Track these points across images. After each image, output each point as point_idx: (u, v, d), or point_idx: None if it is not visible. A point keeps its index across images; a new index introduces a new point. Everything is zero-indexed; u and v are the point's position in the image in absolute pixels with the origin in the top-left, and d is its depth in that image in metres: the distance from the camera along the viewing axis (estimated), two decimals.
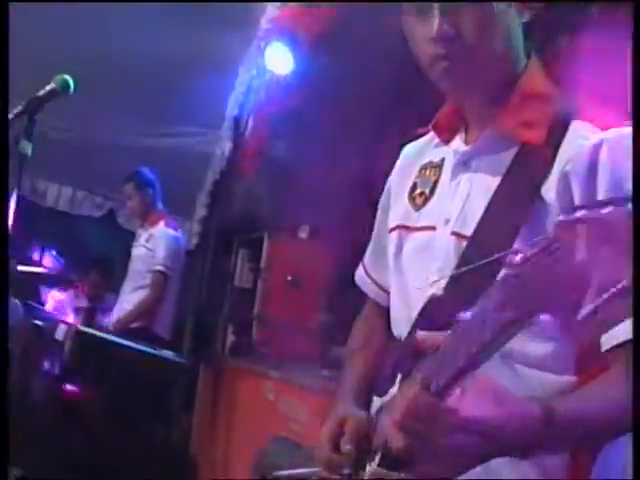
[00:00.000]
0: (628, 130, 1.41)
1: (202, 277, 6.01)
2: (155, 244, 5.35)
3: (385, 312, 1.77)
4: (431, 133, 1.70)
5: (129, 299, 5.36)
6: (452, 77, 1.52)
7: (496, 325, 0.95)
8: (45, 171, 6.16)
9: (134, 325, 5.32)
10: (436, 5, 1.47)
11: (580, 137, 1.44)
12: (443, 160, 1.63)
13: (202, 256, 6.15)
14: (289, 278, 5.82)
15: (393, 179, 1.79)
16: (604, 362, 1.38)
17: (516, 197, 1.43)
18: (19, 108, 2.30)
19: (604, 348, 1.37)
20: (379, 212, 1.82)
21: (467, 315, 1.06)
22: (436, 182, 1.62)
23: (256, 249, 6.04)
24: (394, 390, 1.43)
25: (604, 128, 1.43)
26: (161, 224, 5.49)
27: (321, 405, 3.76)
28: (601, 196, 1.36)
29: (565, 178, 1.39)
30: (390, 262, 1.70)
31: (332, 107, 5.79)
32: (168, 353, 4.87)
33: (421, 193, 1.64)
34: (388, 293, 1.76)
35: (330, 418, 1.66)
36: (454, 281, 1.39)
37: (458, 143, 1.62)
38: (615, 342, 1.36)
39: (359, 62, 5.41)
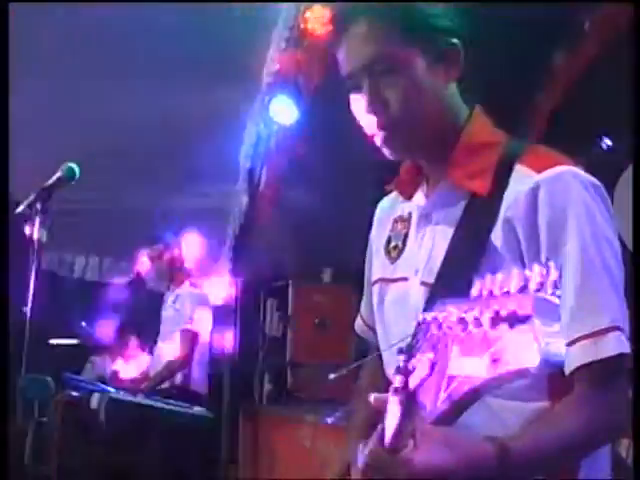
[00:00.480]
0: (564, 168, 1.48)
1: (234, 330, 6.14)
2: (182, 304, 5.48)
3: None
4: None
5: (162, 360, 5.49)
6: (390, 145, 1.58)
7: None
8: (71, 243, 6.34)
9: (170, 384, 5.44)
10: (365, 81, 1.53)
11: (521, 182, 1.48)
12: (410, 214, 1.69)
13: (232, 309, 6.29)
14: (317, 321, 5.93)
15: (373, 233, 1.84)
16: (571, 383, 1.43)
17: (469, 246, 1.49)
18: (30, 198, 2.45)
19: (567, 371, 1.40)
20: (366, 265, 1.87)
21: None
22: (406, 235, 1.68)
23: (282, 297, 6.16)
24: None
25: (543, 167, 1.48)
26: (186, 284, 5.63)
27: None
28: (543, 242, 1.43)
29: (508, 223, 1.46)
30: (375, 313, 1.76)
31: (340, 153, 5.94)
32: (201, 410, 4.97)
33: (395, 246, 1.69)
34: (376, 333, 1.83)
35: (338, 462, 1.74)
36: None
37: (420, 197, 1.67)
38: (577, 363, 1.39)
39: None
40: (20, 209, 2.47)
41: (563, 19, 5.67)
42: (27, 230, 2.46)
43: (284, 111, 5.70)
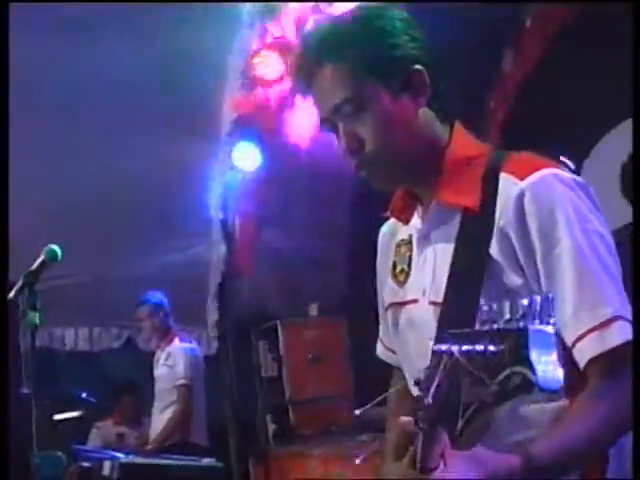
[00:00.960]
0: (546, 171, 1.53)
1: (230, 377, 6.21)
2: (174, 361, 5.57)
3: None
4: None
5: (161, 418, 5.57)
6: (375, 179, 1.64)
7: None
8: (58, 317, 6.40)
9: (172, 441, 5.51)
10: (339, 123, 1.59)
11: (507, 190, 1.54)
12: (411, 236, 1.72)
13: (225, 357, 6.37)
14: (310, 356, 6.02)
15: (378, 261, 1.87)
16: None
17: (471, 260, 1.53)
18: (18, 284, 2.56)
19: (581, 366, 1.44)
20: (377, 292, 1.89)
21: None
22: (410, 257, 1.70)
23: (273, 337, 6.24)
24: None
25: (526, 173, 1.53)
26: (176, 341, 5.72)
27: (364, 470, 3.91)
28: (536, 246, 1.49)
29: (501, 232, 1.52)
30: (392, 336, 1.80)
31: (309, 189, 6.08)
32: (210, 460, 5.04)
33: (401, 270, 1.72)
34: (396, 355, 1.85)
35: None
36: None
37: (416, 220, 1.70)
38: (587, 357, 1.43)
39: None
40: (11, 296, 2.57)
41: (504, 17, 5.83)
42: (20, 315, 2.56)
43: (247, 157, 5.83)
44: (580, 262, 1.47)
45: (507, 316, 1.03)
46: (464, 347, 1.07)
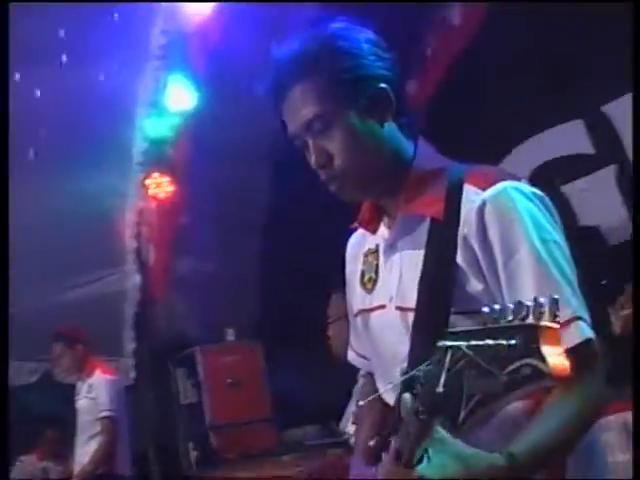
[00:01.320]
0: (506, 183, 1.61)
1: (150, 405, 6.24)
2: (96, 392, 5.55)
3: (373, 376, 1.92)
4: None
5: (86, 451, 5.54)
6: (344, 192, 1.71)
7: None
8: None
9: (97, 474, 5.50)
10: (309, 140, 1.67)
11: (469, 200, 1.61)
12: (378, 245, 1.79)
13: (144, 386, 6.39)
14: (229, 381, 6.10)
15: (347, 270, 1.93)
16: None
17: (440, 268, 1.61)
18: None
19: None
20: (347, 299, 1.95)
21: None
22: (377, 266, 1.77)
23: (191, 364, 6.30)
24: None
25: (487, 184, 1.61)
26: (97, 372, 5.70)
27: None
28: (497, 253, 1.57)
29: (465, 242, 1.59)
30: (363, 341, 1.87)
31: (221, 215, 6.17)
32: None
33: (369, 278, 1.79)
34: (367, 359, 1.92)
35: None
36: (414, 355, 1.59)
37: (383, 230, 1.78)
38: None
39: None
40: None
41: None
42: None
43: (161, 184, 5.90)
44: (539, 268, 1.54)
45: (510, 317, 1.12)
46: (473, 342, 1.14)
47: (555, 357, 1.06)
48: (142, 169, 5.96)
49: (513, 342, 1.07)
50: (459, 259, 1.60)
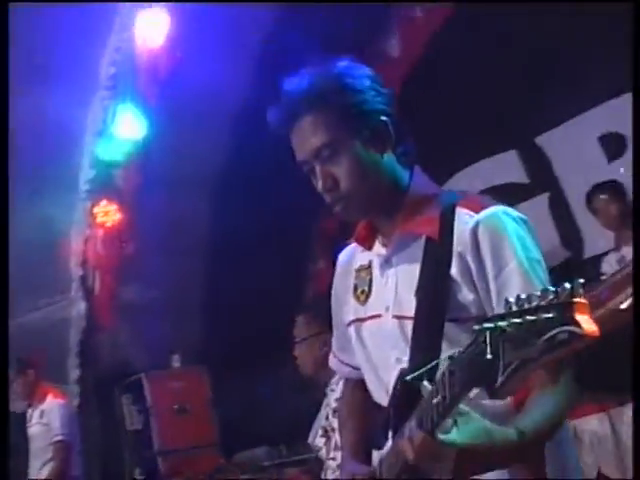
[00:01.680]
0: (498, 208, 1.83)
1: (96, 432, 6.25)
2: (49, 418, 5.56)
3: (361, 383, 2.08)
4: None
5: (40, 476, 5.53)
6: (347, 213, 1.89)
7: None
8: None
9: None
10: (317, 165, 1.84)
11: (464, 222, 1.82)
12: (371, 262, 1.97)
13: (89, 413, 6.40)
14: (176, 407, 6.16)
15: (336, 283, 2.12)
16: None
17: (435, 281, 1.81)
18: None
19: None
20: (333, 312, 2.14)
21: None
22: (371, 280, 1.96)
23: (137, 390, 6.34)
24: (389, 444, 1.77)
25: (480, 209, 1.82)
26: (49, 397, 5.70)
27: None
28: (489, 266, 1.77)
29: (460, 257, 1.79)
30: (355, 348, 2.03)
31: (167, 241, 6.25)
32: None
33: (362, 291, 1.98)
34: (358, 369, 2.07)
35: (341, 475, 2.05)
36: (415, 357, 1.78)
37: (378, 247, 1.96)
38: None
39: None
40: None
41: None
42: None
43: (107, 213, 5.96)
44: (525, 280, 1.75)
45: (535, 302, 1.31)
46: (513, 320, 1.32)
47: (588, 323, 1.27)
48: (90, 197, 6.01)
49: (550, 315, 1.28)
50: (453, 272, 1.80)
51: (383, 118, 1.87)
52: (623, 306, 3.36)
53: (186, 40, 5.45)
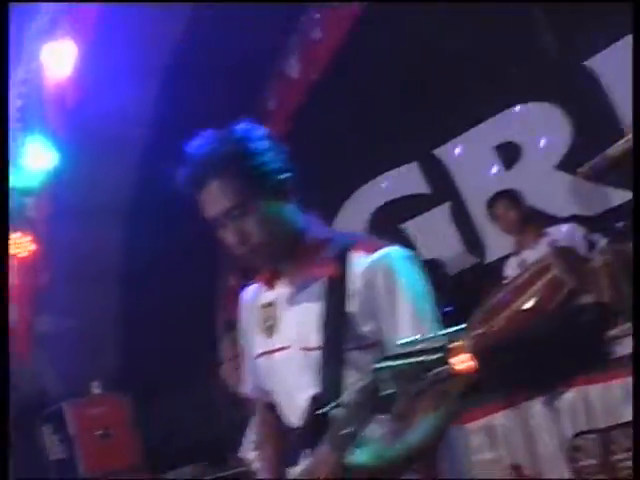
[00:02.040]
0: (388, 249, 2.06)
1: (19, 465, 6.22)
2: None
3: (272, 405, 2.27)
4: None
5: None
6: (256, 262, 2.12)
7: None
8: None
9: None
10: (227, 223, 2.03)
11: (358, 263, 2.05)
12: (276, 299, 2.17)
13: (10, 448, 6.36)
14: (100, 433, 6.21)
15: (242, 319, 2.32)
16: None
17: (336, 316, 2.04)
18: None
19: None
20: (241, 344, 2.37)
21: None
22: (276, 315, 2.16)
23: (58, 420, 6.34)
24: (304, 460, 2.01)
25: (374, 250, 2.05)
26: None
27: None
28: (384, 303, 2.01)
29: (358, 294, 2.03)
30: (267, 377, 2.22)
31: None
32: None
33: (270, 326, 2.18)
34: (269, 393, 2.26)
35: None
36: (324, 382, 2.02)
37: (281, 286, 2.17)
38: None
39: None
40: None
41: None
42: None
43: (21, 242, 5.97)
44: (416, 312, 2.02)
45: (422, 345, 1.60)
46: (408, 360, 1.61)
47: (463, 363, 1.56)
48: (14, 226, 6.02)
49: (434, 357, 1.58)
50: (352, 308, 2.03)
51: (282, 176, 2.07)
52: (525, 307, 3.61)
53: (93, 69, 5.53)
